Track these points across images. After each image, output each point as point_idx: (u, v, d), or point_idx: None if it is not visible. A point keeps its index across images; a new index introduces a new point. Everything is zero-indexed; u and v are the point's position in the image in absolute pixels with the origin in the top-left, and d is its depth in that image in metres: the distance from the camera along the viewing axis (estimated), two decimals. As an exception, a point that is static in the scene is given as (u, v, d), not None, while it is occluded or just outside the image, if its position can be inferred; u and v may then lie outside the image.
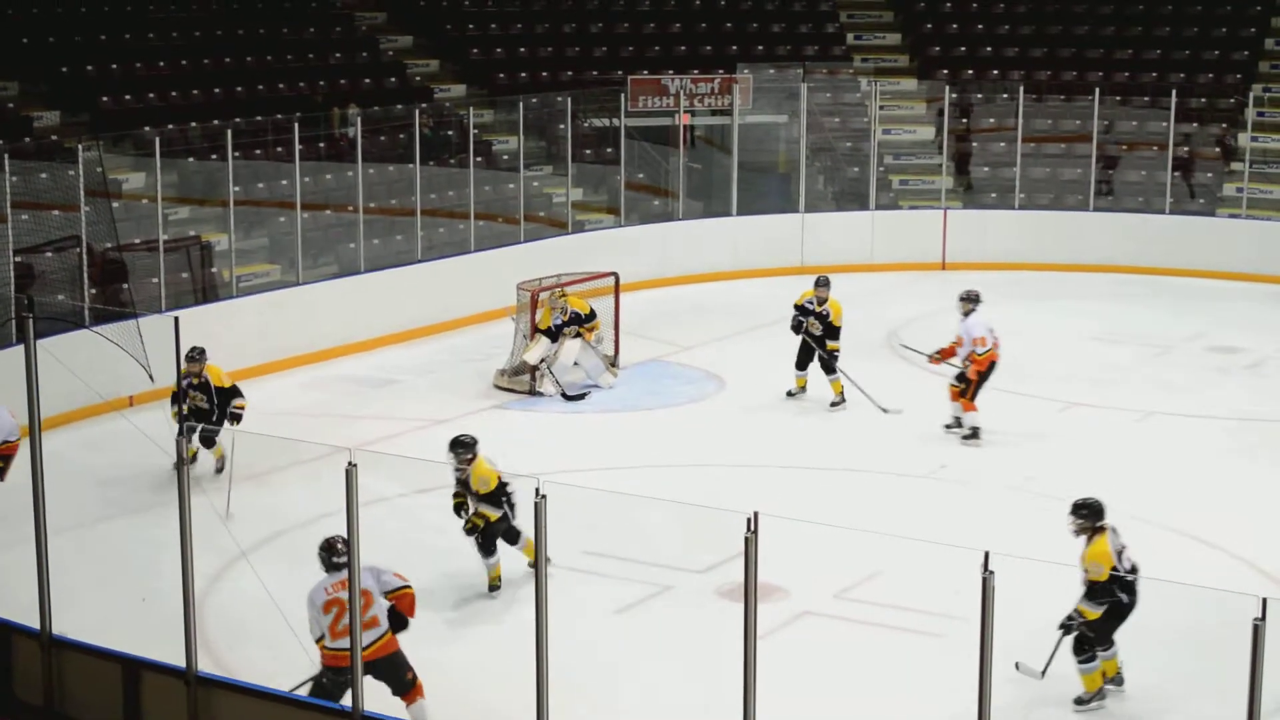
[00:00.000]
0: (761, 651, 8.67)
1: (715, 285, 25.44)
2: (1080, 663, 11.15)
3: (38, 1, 25.28)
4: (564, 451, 17.19)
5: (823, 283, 18.78)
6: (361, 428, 17.60)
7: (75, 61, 24.60)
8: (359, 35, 29.05)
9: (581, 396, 19.10)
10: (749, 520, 8.34)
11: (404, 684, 10.63)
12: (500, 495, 13.03)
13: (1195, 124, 28.46)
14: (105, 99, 24.18)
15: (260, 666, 11.26)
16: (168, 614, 10.90)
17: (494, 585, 13.15)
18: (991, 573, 7.98)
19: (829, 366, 18.59)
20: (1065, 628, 11.08)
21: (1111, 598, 10.94)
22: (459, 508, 13.13)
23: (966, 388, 17.51)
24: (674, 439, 17.78)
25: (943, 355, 17.91)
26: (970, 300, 17.76)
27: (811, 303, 18.65)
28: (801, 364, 18.83)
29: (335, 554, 10.39)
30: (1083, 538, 11.22)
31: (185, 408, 14.84)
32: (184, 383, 14.77)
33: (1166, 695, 11.35)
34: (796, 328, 18.68)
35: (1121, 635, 11.18)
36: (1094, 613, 10.99)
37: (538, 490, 8.77)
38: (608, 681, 11.50)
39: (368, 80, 27.47)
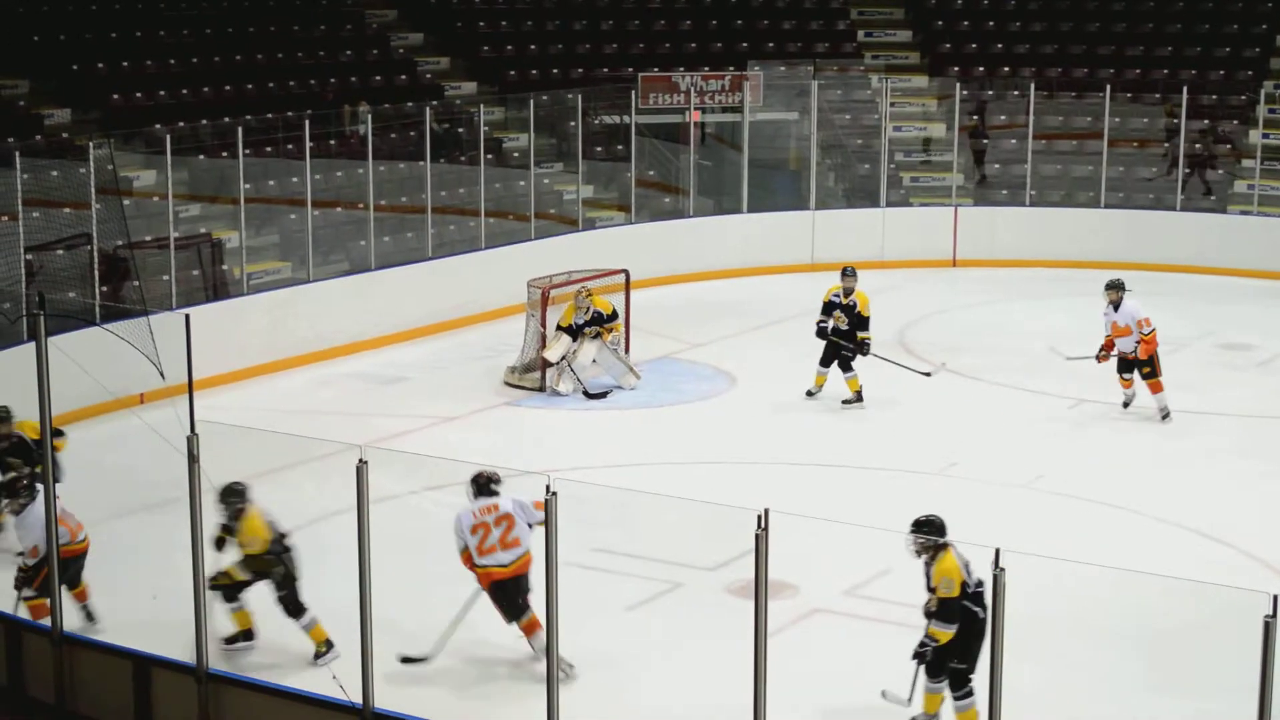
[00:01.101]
0: (772, 648, 8.68)
1: (726, 282, 25.44)
2: (955, 699, 10.43)
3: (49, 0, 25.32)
4: (574, 449, 17.20)
5: (849, 273, 18.82)
6: (372, 425, 17.61)
7: (86, 59, 24.63)
8: (370, 33, 29.06)
9: (603, 395, 19.08)
10: (759, 517, 8.34)
11: (518, 608, 11.19)
12: (274, 554, 11.69)
13: (1207, 120, 28.40)
14: (116, 97, 24.20)
15: (270, 664, 11.27)
16: (178, 611, 10.91)
17: (320, 652, 11.57)
18: (1002, 570, 7.98)
19: (846, 364, 18.57)
20: (919, 656, 10.45)
21: (965, 615, 10.17)
22: (220, 542, 11.81)
23: (1153, 370, 17.92)
24: (684, 436, 17.77)
25: (1106, 350, 18.27)
26: (1117, 289, 18.34)
27: (839, 296, 18.65)
28: (826, 361, 18.79)
29: (492, 482, 11.61)
30: (924, 557, 10.43)
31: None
32: None
33: (1176, 692, 11.33)
34: (821, 334, 18.65)
35: (1132, 632, 11.16)
36: (945, 633, 10.24)
37: (548, 487, 8.78)
38: (618, 678, 11.50)
39: (378, 78, 27.48)
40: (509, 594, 11.40)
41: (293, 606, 11.62)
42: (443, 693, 11.26)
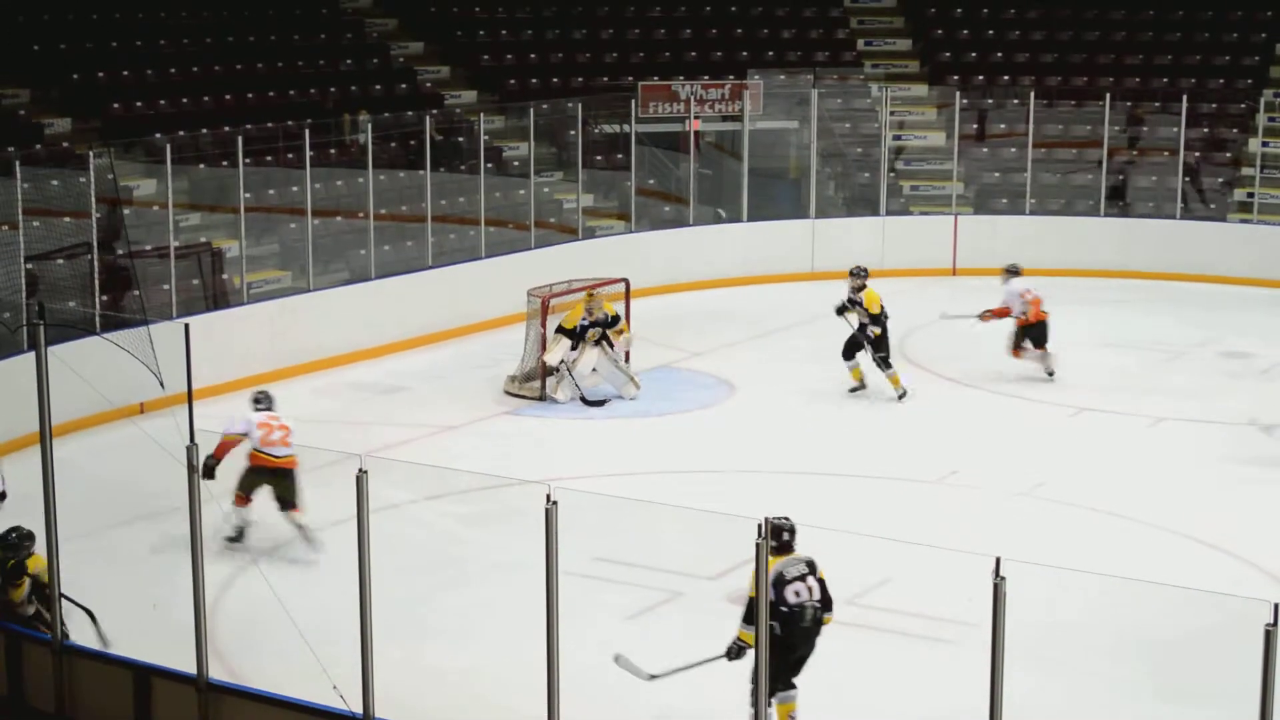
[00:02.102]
0: (772, 658, 8.67)
1: (726, 291, 25.44)
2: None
3: (49, 8, 25.32)
4: (574, 457, 17.19)
5: (855, 273, 19.20)
6: (372, 434, 17.61)
7: (86, 68, 24.64)
8: (370, 42, 29.08)
9: (601, 403, 19.06)
10: (760, 526, 8.34)
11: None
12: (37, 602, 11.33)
13: (1207, 129, 28.42)
14: (116, 105, 24.22)
15: (271, 673, 11.27)
16: (178, 621, 10.90)
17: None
18: (1003, 579, 7.97)
19: (885, 362, 19.07)
20: (728, 653, 10.32)
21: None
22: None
23: (1043, 337, 20.04)
24: (684, 445, 17.77)
25: (992, 314, 20.12)
26: (1009, 271, 20.25)
27: (852, 293, 19.18)
28: (848, 354, 19.24)
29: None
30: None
31: None
32: None
33: (1177, 701, 11.32)
34: (840, 310, 19.28)
35: (1132, 641, 11.15)
36: (748, 634, 9.97)
37: (549, 496, 8.78)
38: (618, 688, 11.48)
39: (378, 86, 27.49)
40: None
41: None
42: (442, 702, 11.26)
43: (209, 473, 13.39)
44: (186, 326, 10.99)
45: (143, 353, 12.27)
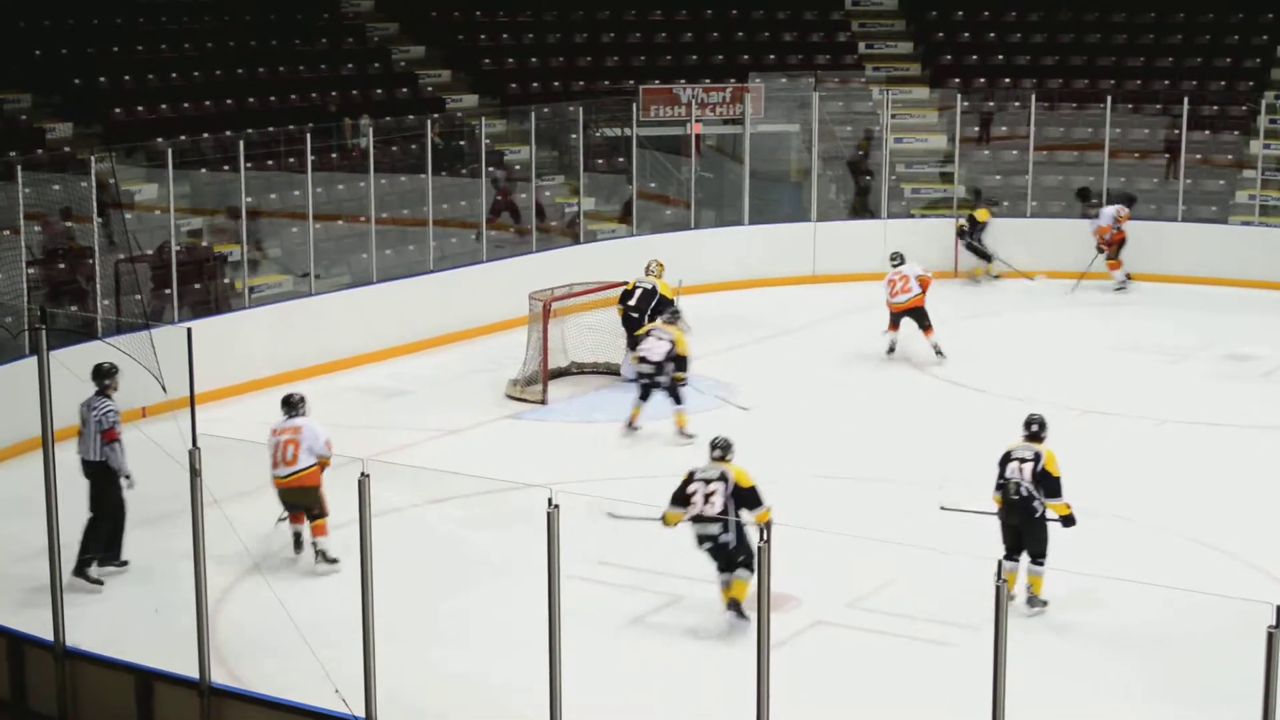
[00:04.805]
0: (774, 661, 8.67)
1: (727, 294, 25.42)
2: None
3: (50, 14, 25.35)
4: (576, 461, 17.18)
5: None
6: (374, 438, 17.59)
7: (88, 74, 24.66)
8: (371, 46, 29.11)
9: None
10: (761, 529, 8.33)
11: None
12: None
13: (1208, 131, 28.42)
14: (117, 111, 24.24)
15: (273, 678, 11.26)
16: (181, 625, 10.90)
17: None
18: (1004, 581, 7.96)
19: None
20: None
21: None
22: None
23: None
24: (686, 448, 17.74)
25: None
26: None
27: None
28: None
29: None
30: None
31: None
32: None
33: (1179, 702, 11.31)
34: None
35: (1134, 642, 11.12)
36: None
37: (550, 500, 8.77)
38: (620, 691, 11.49)
39: (379, 91, 27.52)
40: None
41: None
42: (445, 705, 11.25)
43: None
44: (189, 330, 11.02)
45: (145, 357, 12.29)
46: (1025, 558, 12.61)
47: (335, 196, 23.26)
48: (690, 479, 12.46)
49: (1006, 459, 12.80)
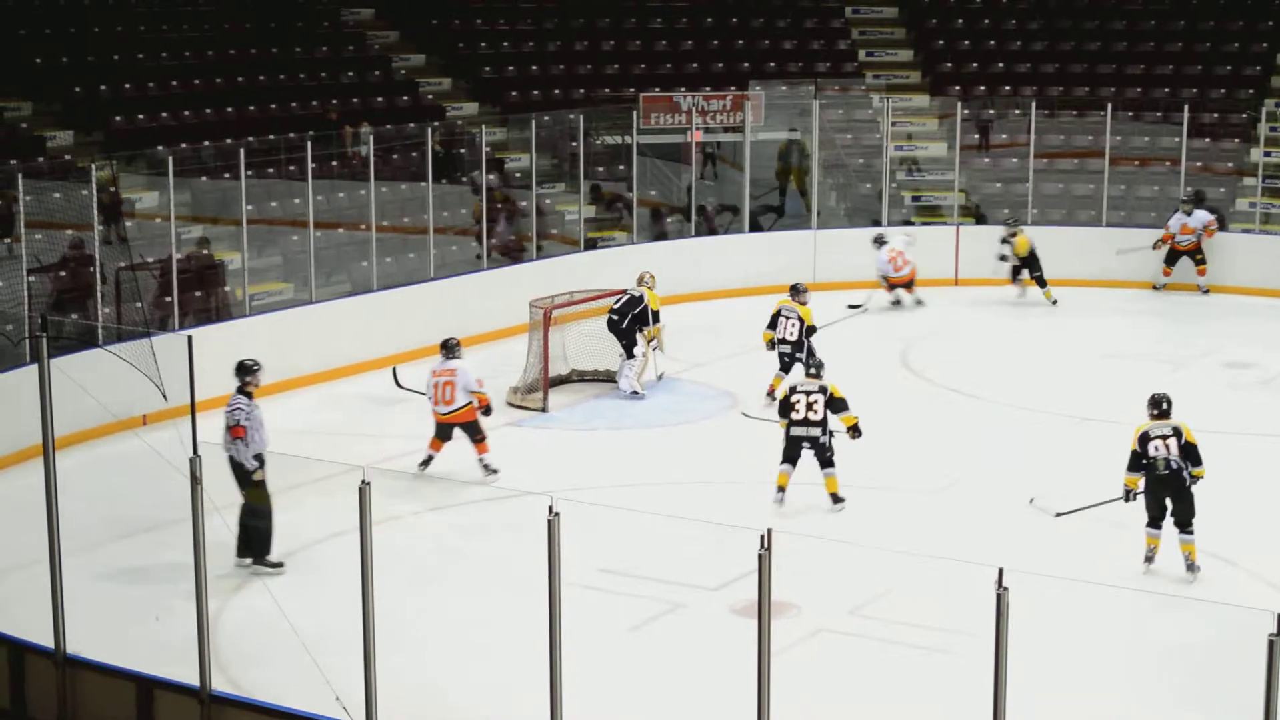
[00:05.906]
0: (775, 669, 8.67)
1: (727, 302, 25.40)
2: None
3: (51, 22, 25.37)
4: (577, 469, 17.18)
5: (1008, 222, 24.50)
6: (375, 446, 17.59)
7: (88, 82, 24.69)
8: (371, 54, 29.14)
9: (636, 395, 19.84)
10: (762, 537, 8.34)
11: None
12: None
13: (1208, 139, 28.43)
14: (118, 119, 24.26)
15: (273, 685, 11.26)
16: (181, 633, 10.90)
17: None
18: (1005, 589, 7.96)
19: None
20: (1125, 496, 14.01)
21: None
22: None
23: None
24: (687, 456, 17.76)
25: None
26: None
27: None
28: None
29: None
30: None
31: None
32: None
33: (1181, 710, 11.30)
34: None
35: (1136, 651, 11.11)
36: (1131, 479, 14.07)
37: (551, 508, 8.77)
38: (621, 699, 11.48)
39: (380, 99, 27.53)
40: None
41: None
42: (445, 713, 11.25)
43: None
44: (189, 338, 11.02)
45: (145, 365, 12.30)
46: (1169, 525, 13.67)
47: (336, 204, 23.27)
48: (793, 391, 15.45)
49: (1145, 439, 13.81)
